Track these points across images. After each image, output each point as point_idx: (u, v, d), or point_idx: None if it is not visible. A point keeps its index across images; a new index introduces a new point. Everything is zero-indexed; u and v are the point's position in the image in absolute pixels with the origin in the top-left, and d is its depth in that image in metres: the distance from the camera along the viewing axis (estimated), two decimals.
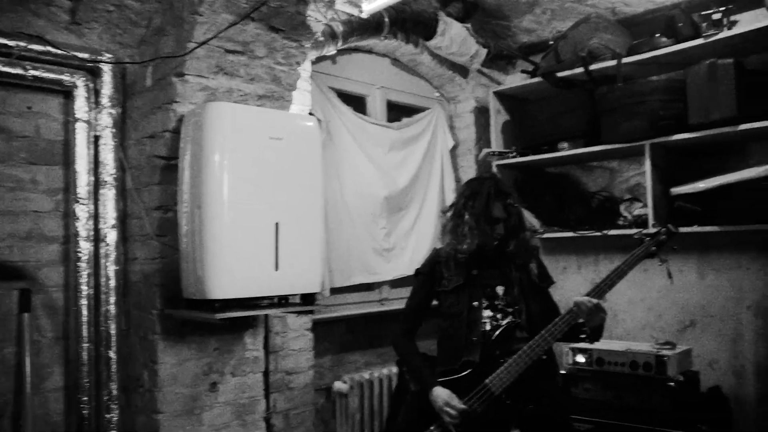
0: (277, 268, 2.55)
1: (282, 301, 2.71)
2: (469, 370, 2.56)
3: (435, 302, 2.83)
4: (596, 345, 3.39)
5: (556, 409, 2.69)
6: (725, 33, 3.23)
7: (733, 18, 3.29)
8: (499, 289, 2.69)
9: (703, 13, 3.32)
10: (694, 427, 3.05)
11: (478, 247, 2.65)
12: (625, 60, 3.62)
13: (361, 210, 3.84)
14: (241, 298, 2.51)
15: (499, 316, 2.66)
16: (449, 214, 2.82)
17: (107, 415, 2.74)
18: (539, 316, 2.67)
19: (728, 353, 3.56)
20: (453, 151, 4.52)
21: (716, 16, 3.27)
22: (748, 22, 3.27)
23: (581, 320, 2.50)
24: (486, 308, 2.67)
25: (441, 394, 2.51)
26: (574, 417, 3.31)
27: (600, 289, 2.51)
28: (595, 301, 2.46)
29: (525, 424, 2.58)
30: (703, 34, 3.30)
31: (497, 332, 2.57)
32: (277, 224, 2.57)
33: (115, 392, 2.75)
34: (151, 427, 2.66)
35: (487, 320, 2.65)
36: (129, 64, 2.94)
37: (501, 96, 4.33)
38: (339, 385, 3.53)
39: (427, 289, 2.80)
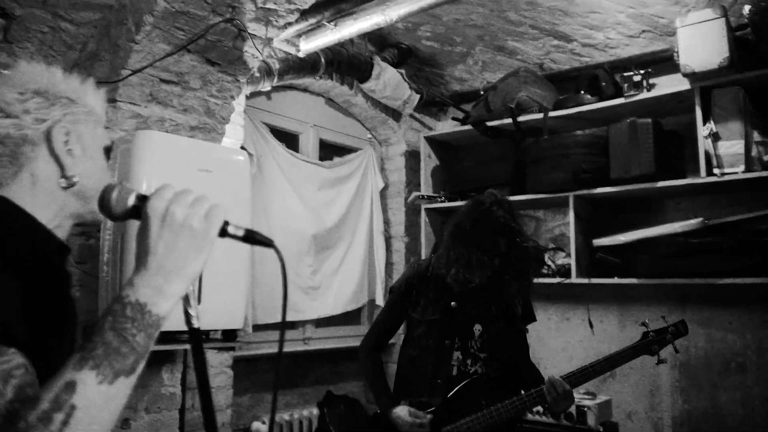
0: (199, 302, 2.45)
1: (203, 336, 2.61)
2: (427, 411, 2.41)
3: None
4: None
5: None
6: (645, 94, 3.41)
7: (652, 81, 3.49)
8: (476, 329, 2.53)
9: (625, 74, 3.50)
10: None
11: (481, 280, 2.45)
12: (551, 113, 3.76)
13: (287, 246, 3.79)
14: (161, 330, 2.40)
15: (469, 361, 2.50)
16: (450, 234, 2.59)
17: None
18: (512, 362, 2.56)
19: (646, 405, 3.65)
20: (383, 193, 4.55)
21: (636, 78, 3.46)
22: (665, 85, 3.47)
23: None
24: (457, 349, 2.51)
25: (402, 412, 2.38)
26: None
27: (584, 375, 2.38)
28: (567, 387, 2.32)
29: None
30: (625, 94, 3.47)
31: (463, 383, 2.43)
32: None
33: None
34: None
35: (455, 363, 2.50)
36: None
37: (432, 141, 4.41)
38: (257, 426, 3.42)
39: (399, 309, 2.64)
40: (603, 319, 3.73)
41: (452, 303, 2.52)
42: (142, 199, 0.95)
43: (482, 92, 4.25)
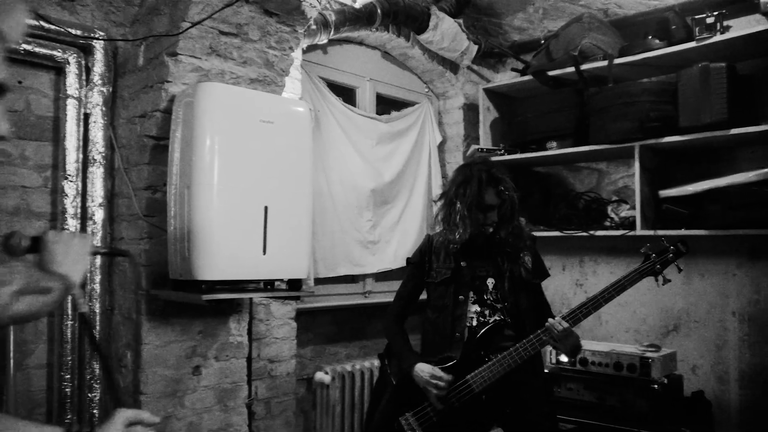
0: (264, 252, 2.50)
1: (268, 286, 2.66)
2: (450, 363, 2.54)
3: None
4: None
5: (540, 411, 2.65)
6: (718, 37, 3.24)
7: (726, 23, 3.30)
8: (489, 282, 2.64)
9: (697, 16, 3.33)
10: (676, 430, 3.05)
11: (470, 237, 2.61)
12: (616, 61, 3.62)
13: (346, 201, 3.81)
14: (228, 280, 2.45)
15: (487, 312, 2.62)
16: (440, 202, 2.78)
17: (89, 394, 2.69)
18: (528, 312, 2.64)
19: (712, 359, 3.57)
20: (441, 147, 4.50)
21: (710, 20, 3.28)
22: (741, 27, 3.29)
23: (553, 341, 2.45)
24: (474, 303, 2.64)
25: (423, 368, 2.50)
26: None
27: (585, 310, 2.45)
28: (565, 326, 2.42)
29: (508, 425, 2.56)
30: (696, 38, 3.31)
31: (483, 330, 2.53)
32: (266, 208, 2.52)
33: (97, 371, 2.69)
34: (133, 408, 2.60)
35: (474, 316, 2.62)
36: (121, 43, 2.87)
37: (491, 93, 4.32)
38: (320, 376, 3.49)
39: (417, 278, 2.78)
40: (667, 271, 3.63)
41: (462, 263, 2.66)
42: (36, 238, 1.40)
43: (543, 41, 4.12)
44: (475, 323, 2.61)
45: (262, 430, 3.05)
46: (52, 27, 2.62)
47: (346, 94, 4.02)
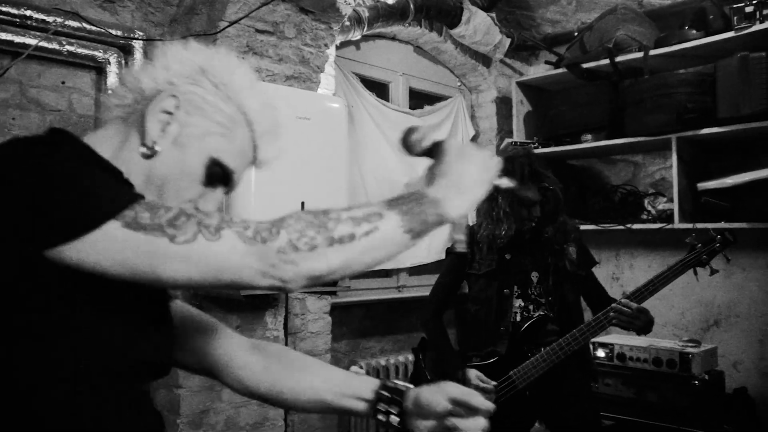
0: None
1: None
2: (494, 359, 2.53)
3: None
4: (618, 340, 3.38)
5: (582, 406, 2.62)
6: (758, 26, 3.18)
7: (766, 11, 3.23)
8: (534, 276, 2.61)
9: (735, 5, 3.27)
10: (719, 427, 3.00)
11: (516, 232, 2.58)
12: (652, 52, 3.58)
13: (380, 196, 3.77)
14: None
15: (531, 307, 2.60)
16: None
17: None
18: (575, 305, 2.62)
19: (755, 354, 3.50)
20: (474, 141, 4.49)
21: (749, 9, 3.21)
22: None
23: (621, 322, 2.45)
24: (518, 297, 2.60)
25: (470, 374, 2.47)
26: None
27: (641, 294, 2.46)
28: (634, 305, 2.42)
29: (552, 420, 2.56)
30: (735, 27, 3.25)
31: (527, 324, 2.51)
32: (302, 203, 2.55)
33: None
34: (171, 402, 2.65)
35: (518, 310, 2.59)
36: (160, 42, 2.92)
37: (524, 86, 4.29)
38: (355, 370, 3.51)
39: (458, 270, 2.73)
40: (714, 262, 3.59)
41: (506, 255, 2.60)
42: (438, 143, 1.16)
43: (577, 33, 4.08)
44: (519, 318, 2.58)
45: (298, 424, 3.08)
46: (94, 28, 2.67)
47: (379, 89, 4.03)
